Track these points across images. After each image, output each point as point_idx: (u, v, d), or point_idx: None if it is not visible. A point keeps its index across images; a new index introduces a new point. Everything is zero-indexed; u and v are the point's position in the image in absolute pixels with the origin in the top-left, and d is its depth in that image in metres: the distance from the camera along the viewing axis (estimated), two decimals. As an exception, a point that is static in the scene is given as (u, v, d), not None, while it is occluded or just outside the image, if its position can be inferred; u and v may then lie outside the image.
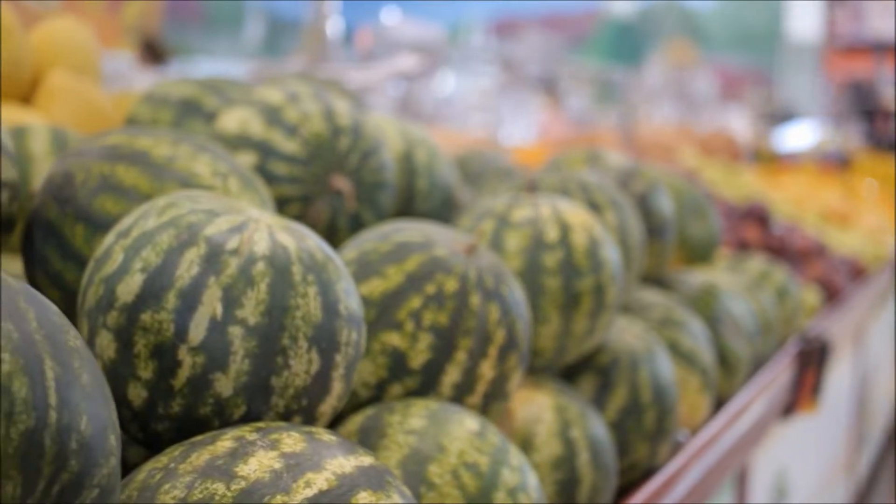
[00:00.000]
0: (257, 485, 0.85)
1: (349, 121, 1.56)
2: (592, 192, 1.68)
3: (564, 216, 1.45)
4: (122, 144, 1.26)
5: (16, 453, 0.68)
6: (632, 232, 1.70)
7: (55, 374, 0.72)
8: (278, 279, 0.98)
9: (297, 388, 0.99)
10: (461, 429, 1.12)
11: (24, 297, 0.75)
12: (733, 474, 2.22)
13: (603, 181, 1.73)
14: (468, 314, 1.22)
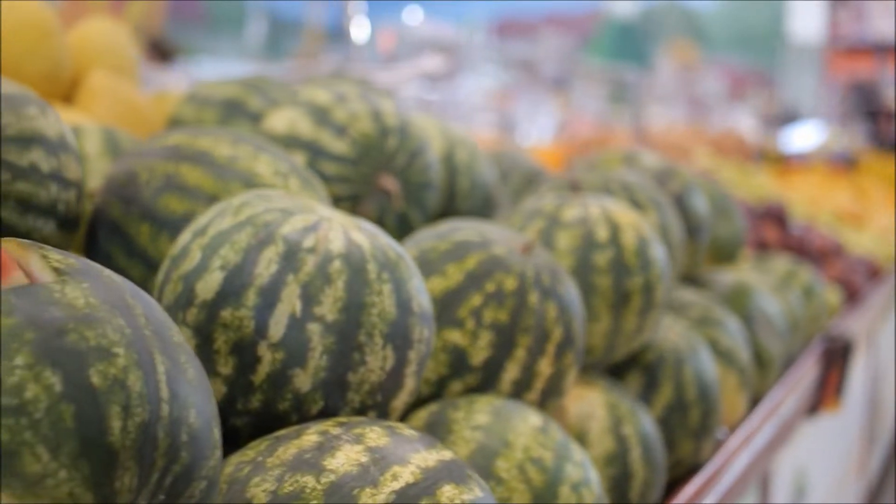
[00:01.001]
0: (346, 478, 0.87)
1: (396, 121, 1.57)
2: (634, 191, 1.70)
3: (613, 216, 1.47)
4: (184, 144, 1.27)
5: (133, 445, 0.70)
6: (673, 231, 1.72)
7: (165, 369, 0.74)
8: (354, 277, 1.00)
9: (372, 384, 1.01)
10: (525, 425, 1.14)
11: (129, 293, 0.77)
12: (761, 473, 2.23)
13: (643, 181, 1.75)
14: (527, 312, 1.24)
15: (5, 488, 0.65)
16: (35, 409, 0.66)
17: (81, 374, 0.69)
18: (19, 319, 0.69)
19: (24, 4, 1.86)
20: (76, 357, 0.69)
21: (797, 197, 4.82)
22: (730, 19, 17.07)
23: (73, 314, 0.71)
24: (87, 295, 0.73)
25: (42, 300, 0.71)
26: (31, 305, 0.70)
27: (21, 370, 0.67)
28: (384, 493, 0.86)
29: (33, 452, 0.66)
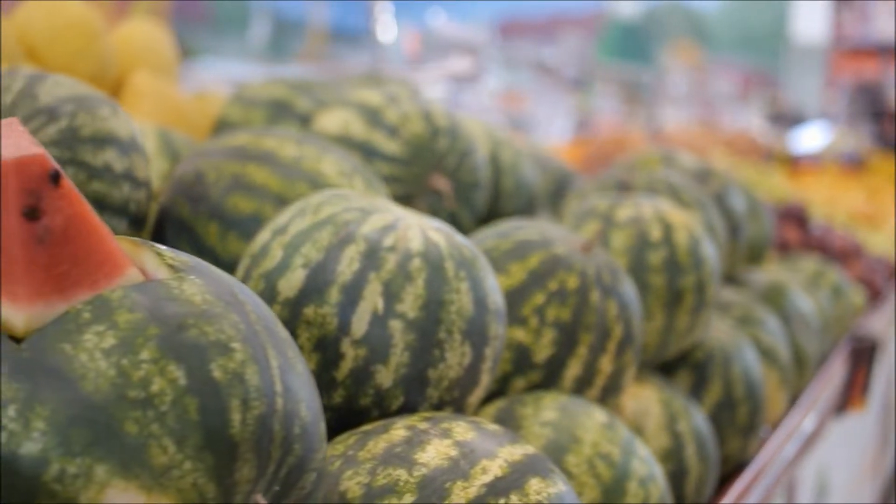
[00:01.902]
0: (437, 471, 0.89)
1: (446, 122, 1.59)
2: (679, 192, 1.72)
3: (666, 216, 1.49)
4: (250, 145, 1.29)
5: (252, 437, 0.71)
6: (717, 231, 1.74)
7: (278, 363, 0.76)
8: (434, 275, 1.02)
9: (450, 380, 1.03)
10: (592, 421, 1.16)
11: (238, 289, 0.79)
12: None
13: (687, 181, 1.77)
14: (589, 310, 1.26)
15: (133, 479, 0.67)
16: (161, 402, 0.68)
17: (203, 369, 0.70)
18: (143, 315, 0.71)
19: (71, 7, 1.88)
20: (198, 352, 0.71)
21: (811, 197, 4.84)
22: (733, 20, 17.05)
23: (193, 310, 0.73)
24: (203, 291, 0.75)
25: (162, 296, 0.73)
26: (152, 301, 0.72)
27: (147, 364, 0.69)
28: (475, 487, 0.88)
29: (160, 445, 0.68)
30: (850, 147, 8.61)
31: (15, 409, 0.67)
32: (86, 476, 0.66)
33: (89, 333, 0.70)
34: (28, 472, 0.67)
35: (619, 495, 1.11)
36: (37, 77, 1.19)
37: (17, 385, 0.68)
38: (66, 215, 0.73)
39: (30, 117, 1.14)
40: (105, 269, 0.74)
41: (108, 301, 0.72)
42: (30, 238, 0.72)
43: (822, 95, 12.17)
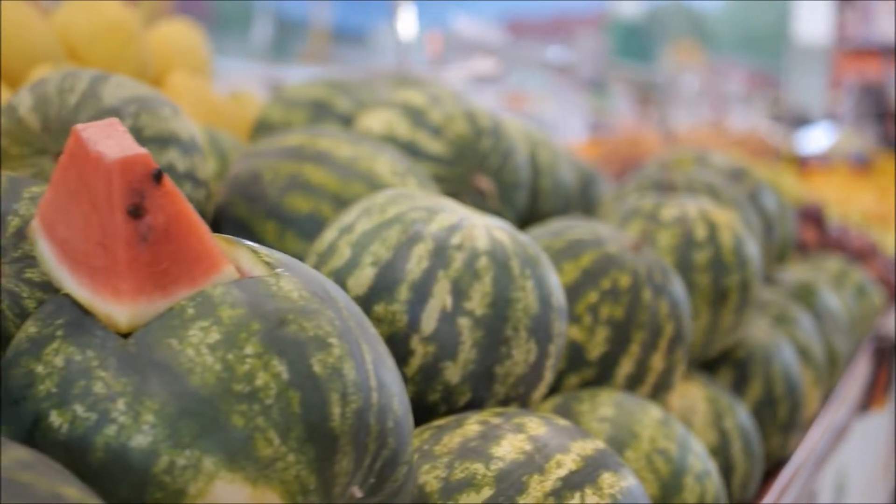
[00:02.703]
0: (513, 465, 0.90)
1: (489, 122, 1.61)
2: (718, 191, 1.74)
3: (710, 215, 1.51)
4: (306, 145, 1.31)
5: (350, 430, 0.73)
6: (755, 230, 1.76)
7: (371, 358, 0.77)
8: (500, 273, 1.04)
9: (516, 377, 1.05)
10: (648, 417, 1.18)
11: (329, 286, 0.80)
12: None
13: (723, 181, 1.79)
14: (641, 308, 1.27)
15: (240, 471, 0.69)
16: (266, 395, 0.70)
17: (304, 363, 0.72)
18: (245, 311, 0.73)
19: (110, 8, 1.89)
20: (298, 347, 0.73)
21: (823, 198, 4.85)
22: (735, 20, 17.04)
23: (291, 306, 0.74)
24: (300, 288, 0.76)
25: (261, 293, 0.75)
26: (252, 298, 0.74)
27: (251, 359, 0.71)
28: (551, 480, 0.90)
29: (265, 437, 0.69)
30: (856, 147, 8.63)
31: (124, 403, 0.69)
32: (194, 468, 0.68)
33: (194, 329, 0.71)
34: (138, 464, 0.68)
35: (677, 490, 1.13)
36: (99, 78, 1.21)
37: (125, 379, 0.70)
38: (168, 213, 0.75)
39: (94, 118, 1.16)
40: (203, 266, 0.76)
41: (211, 297, 0.73)
42: (133, 236, 0.73)
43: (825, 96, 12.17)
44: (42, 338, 0.74)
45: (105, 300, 0.74)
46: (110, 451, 0.68)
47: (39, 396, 0.71)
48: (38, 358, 0.73)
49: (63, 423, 0.70)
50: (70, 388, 0.70)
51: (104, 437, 0.69)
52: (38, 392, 0.71)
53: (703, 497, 1.14)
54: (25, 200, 0.91)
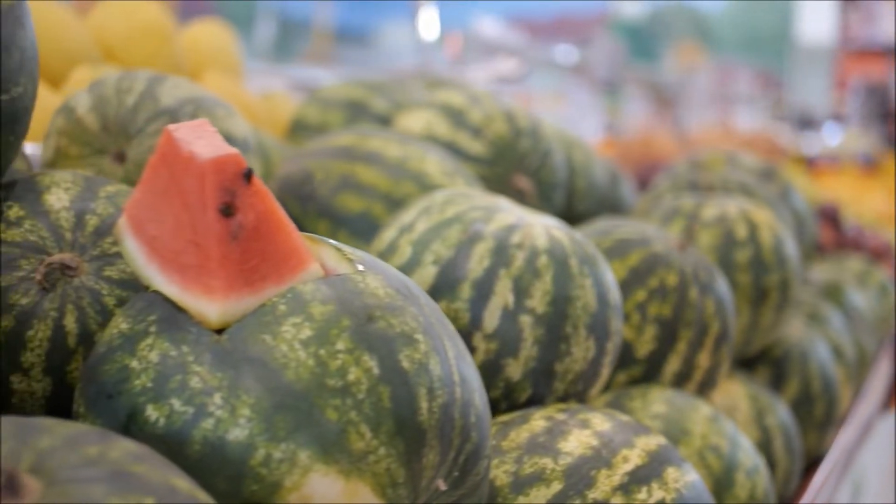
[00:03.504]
0: (581, 459, 0.92)
1: (528, 122, 1.62)
2: (752, 191, 1.76)
3: (750, 215, 1.53)
4: (356, 145, 1.32)
5: (436, 425, 0.75)
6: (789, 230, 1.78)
7: (454, 354, 0.79)
8: (560, 271, 1.05)
9: (575, 374, 1.06)
10: (699, 414, 1.19)
11: (409, 283, 0.82)
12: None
13: (756, 181, 1.80)
14: (688, 306, 1.29)
15: (333, 464, 0.71)
16: (358, 390, 0.72)
17: (393, 359, 0.74)
18: (335, 307, 0.74)
19: (146, 8, 1.91)
20: (387, 342, 0.74)
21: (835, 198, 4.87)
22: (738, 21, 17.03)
23: (378, 302, 0.76)
24: (384, 285, 0.78)
25: (349, 290, 0.76)
26: (340, 294, 0.76)
27: (343, 354, 0.72)
28: (618, 475, 0.91)
29: (358, 431, 0.71)
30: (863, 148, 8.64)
31: (221, 397, 0.71)
32: (290, 461, 0.70)
33: (287, 325, 0.73)
34: (235, 456, 0.70)
35: (729, 486, 1.14)
36: (156, 78, 1.22)
37: (220, 374, 0.71)
38: (258, 212, 0.76)
39: (152, 118, 1.17)
40: (290, 264, 0.78)
41: (301, 294, 0.75)
42: (225, 234, 0.75)
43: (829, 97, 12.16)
44: (135, 334, 0.75)
45: (196, 297, 0.76)
46: (208, 444, 0.70)
47: (135, 391, 0.73)
48: (132, 353, 0.74)
49: (160, 416, 0.71)
50: (166, 383, 0.72)
51: (201, 431, 0.70)
52: (133, 387, 0.73)
53: (754, 492, 1.16)
54: (102, 200, 0.92)
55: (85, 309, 0.87)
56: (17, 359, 0.85)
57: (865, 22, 11.93)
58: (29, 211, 0.89)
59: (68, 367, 0.86)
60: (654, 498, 0.91)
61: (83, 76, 1.65)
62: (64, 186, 0.92)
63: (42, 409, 0.86)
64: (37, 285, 0.86)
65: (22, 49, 0.89)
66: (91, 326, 0.87)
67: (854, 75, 11.62)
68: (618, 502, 0.90)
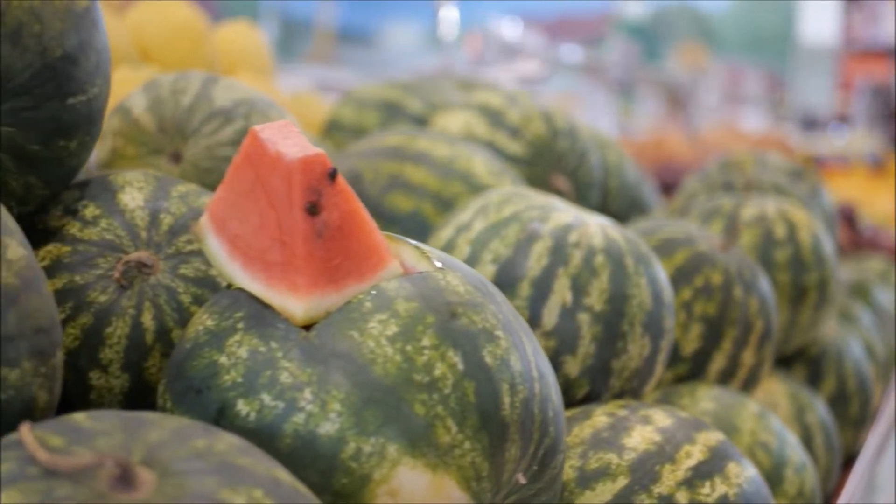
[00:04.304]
0: (645, 455, 0.94)
1: (565, 123, 1.64)
2: (785, 191, 1.78)
3: (789, 215, 1.55)
4: (404, 145, 1.34)
5: (518, 419, 0.76)
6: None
7: (531, 350, 0.81)
8: (616, 270, 1.07)
9: (631, 371, 1.08)
10: (747, 411, 1.21)
11: (486, 281, 0.83)
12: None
13: (788, 181, 1.82)
14: (733, 305, 1.31)
15: (421, 457, 0.72)
16: (444, 385, 0.73)
17: (477, 354, 0.75)
18: (419, 304, 0.76)
19: (181, 9, 1.92)
20: (470, 339, 0.76)
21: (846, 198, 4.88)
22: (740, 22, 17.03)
23: (459, 299, 0.78)
24: (464, 282, 0.79)
25: (431, 287, 0.78)
26: (423, 291, 0.77)
27: (429, 350, 0.74)
28: (682, 470, 0.93)
29: (444, 425, 0.72)
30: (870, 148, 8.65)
31: (311, 392, 0.72)
32: (379, 454, 0.71)
33: (373, 321, 0.74)
34: (326, 450, 0.71)
35: (778, 482, 1.16)
36: (210, 79, 1.24)
37: (310, 369, 0.73)
38: (342, 211, 0.78)
39: (207, 119, 1.19)
40: (371, 262, 0.79)
41: (386, 291, 0.76)
42: (310, 232, 0.76)
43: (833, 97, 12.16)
44: (222, 330, 0.77)
45: (281, 294, 0.77)
46: (299, 437, 0.71)
47: (225, 386, 0.74)
48: (220, 349, 0.76)
49: (251, 411, 0.73)
50: (256, 378, 0.73)
51: (292, 425, 0.72)
52: (223, 382, 0.74)
53: (802, 488, 1.17)
54: (175, 199, 0.94)
55: (162, 306, 0.88)
56: (95, 355, 0.87)
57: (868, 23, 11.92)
58: (104, 210, 0.91)
59: (145, 364, 0.88)
60: (717, 493, 0.93)
61: (123, 76, 1.66)
62: (137, 186, 0.93)
63: (120, 404, 0.88)
64: (114, 283, 0.88)
65: (98, 51, 0.91)
66: (168, 323, 0.88)
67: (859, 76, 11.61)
68: (682, 497, 0.91)
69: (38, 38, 0.83)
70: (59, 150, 0.87)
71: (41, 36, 0.83)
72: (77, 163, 0.91)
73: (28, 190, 0.87)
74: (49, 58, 0.84)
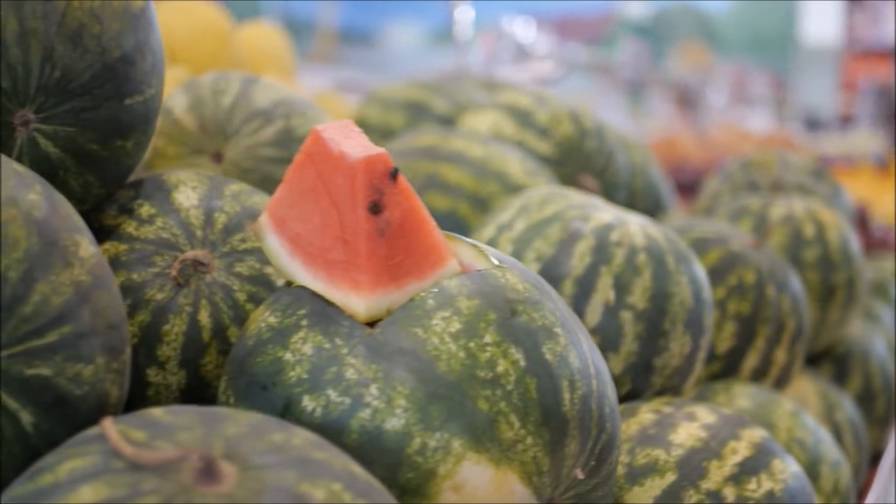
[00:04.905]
0: (692, 451, 0.95)
1: (593, 123, 1.65)
2: (809, 191, 1.79)
3: (817, 214, 1.56)
4: (439, 145, 1.35)
5: (577, 415, 0.77)
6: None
7: (588, 347, 0.82)
8: (658, 268, 1.08)
9: (672, 369, 1.09)
10: (782, 409, 1.22)
11: (541, 279, 0.84)
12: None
13: (811, 181, 1.83)
14: (766, 304, 1.32)
15: (484, 452, 0.73)
16: (507, 381, 0.74)
17: (537, 351, 0.76)
18: (481, 302, 0.77)
19: (208, 10, 1.93)
20: (531, 335, 0.77)
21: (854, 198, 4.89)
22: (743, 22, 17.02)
23: (519, 297, 0.79)
24: (522, 280, 0.81)
25: (491, 284, 0.79)
26: (484, 289, 0.78)
27: (491, 347, 0.75)
28: (728, 466, 0.94)
29: (507, 421, 0.74)
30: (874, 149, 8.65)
31: (377, 388, 0.73)
32: (444, 449, 0.72)
33: (437, 319, 0.76)
34: (392, 445, 0.72)
35: (815, 479, 1.17)
36: (249, 80, 1.25)
37: (375, 366, 0.74)
38: (403, 210, 0.79)
39: (248, 119, 1.20)
40: (430, 260, 0.80)
41: (448, 289, 0.77)
42: (373, 231, 0.78)
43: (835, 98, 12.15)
44: (285, 327, 0.78)
45: (343, 291, 0.78)
46: (365, 433, 0.73)
47: (290, 382, 0.75)
48: (284, 346, 0.77)
49: (316, 407, 0.74)
50: (322, 375, 0.75)
51: (359, 421, 0.73)
52: (288, 378, 0.76)
53: (838, 485, 1.19)
54: (228, 198, 0.95)
55: (218, 304, 0.89)
56: (153, 352, 0.88)
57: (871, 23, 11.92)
58: (160, 209, 0.92)
59: (202, 361, 0.89)
60: (764, 488, 0.94)
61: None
62: (191, 185, 0.94)
63: (176, 401, 0.89)
64: (171, 281, 0.89)
65: (153, 51, 0.92)
66: (224, 321, 0.89)
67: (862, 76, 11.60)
68: (730, 493, 0.92)
69: (97, 39, 0.84)
70: (116, 150, 0.88)
71: (101, 37, 0.85)
72: (133, 162, 0.92)
73: (86, 189, 0.88)
74: (108, 58, 0.85)
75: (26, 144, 0.83)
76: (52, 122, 0.83)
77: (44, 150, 0.83)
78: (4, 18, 0.79)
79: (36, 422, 0.67)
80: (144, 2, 0.91)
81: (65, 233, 0.71)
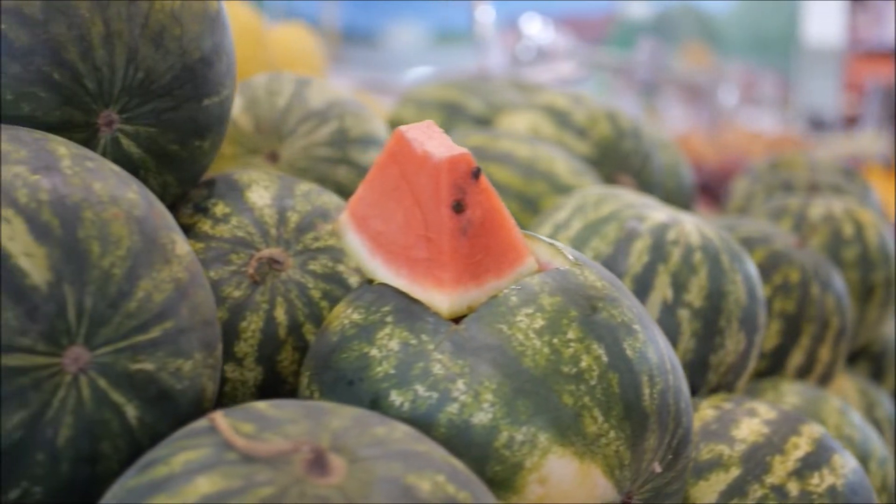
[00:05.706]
0: (756, 446, 0.96)
1: (629, 123, 1.67)
2: (843, 191, 1.80)
3: (855, 214, 1.57)
4: (487, 145, 1.37)
5: (656, 410, 0.79)
6: (877, 229, 1.82)
7: (663, 343, 0.83)
8: (713, 266, 1.10)
9: (727, 366, 1.10)
10: (830, 406, 1.23)
11: (615, 276, 0.86)
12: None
13: (843, 181, 1.85)
14: (810, 302, 1.33)
15: (569, 446, 0.75)
16: (590, 376, 0.76)
17: (618, 347, 0.78)
18: (562, 299, 0.79)
19: (242, 12, 1.95)
20: (612, 331, 0.78)
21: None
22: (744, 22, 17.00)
23: (598, 294, 0.80)
24: (600, 277, 0.82)
25: (571, 282, 0.80)
26: (564, 286, 0.80)
27: (574, 343, 0.77)
28: (791, 461, 0.96)
29: (591, 415, 0.75)
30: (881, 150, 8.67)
31: (464, 383, 0.75)
32: (531, 443, 0.74)
33: (521, 315, 0.77)
34: (480, 439, 0.74)
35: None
36: (302, 81, 1.27)
37: (461, 361, 0.76)
38: (485, 208, 0.81)
39: (303, 120, 1.21)
40: (509, 258, 0.82)
41: (530, 286, 0.79)
42: (455, 229, 0.79)
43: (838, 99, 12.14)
44: (371, 324, 0.80)
45: (425, 289, 0.80)
46: (453, 427, 0.74)
47: (377, 378, 0.77)
48: (370, 342, 0.79)
49: (404, 401, 0.75)
50: (409, 370, 0.76)
51: (447, 415, 0.74)
52: (375, 374, 0.77)
53: (885, 481, 1.20)
54: (299, 197, 0.96)
55: (293, 301, 0.91)
56: (230, 349, 0.89)
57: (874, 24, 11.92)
58: (234, 208, 0.93)
59: (278, 357, 0.90)
60: (826, 483, 0.95)
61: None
62: (263, 185, 0.96)
63: (253, 397, 0.91)
64: (248, 279, 0.90)
65: (227, 53, 0.94)
66: (299, 318, 0.91)
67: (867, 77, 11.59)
68: (793, 487, 0.94)
69: (178, 41, 0.86)
70: (194, 150, 0.90)
71: (181, 38, 0.86)
72: (208, 162, 0.93)
73: (164, 188, 0.89)
74: (188, 60, 0.87)
75: (109, 145, 0.84)
76: (135, 123, 0.84)
77: (126, 151, 0.85)
78: (90, 20, 0.81)
79: (140, 415, 0.69)
80: (219, 3, 0.93)
81: (163, 230, 0.73)
